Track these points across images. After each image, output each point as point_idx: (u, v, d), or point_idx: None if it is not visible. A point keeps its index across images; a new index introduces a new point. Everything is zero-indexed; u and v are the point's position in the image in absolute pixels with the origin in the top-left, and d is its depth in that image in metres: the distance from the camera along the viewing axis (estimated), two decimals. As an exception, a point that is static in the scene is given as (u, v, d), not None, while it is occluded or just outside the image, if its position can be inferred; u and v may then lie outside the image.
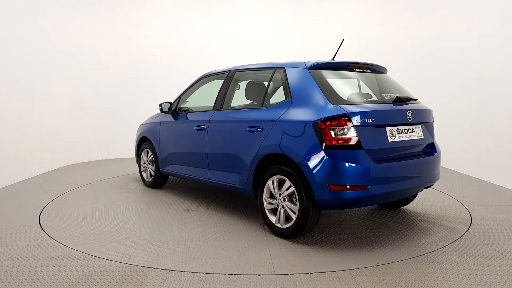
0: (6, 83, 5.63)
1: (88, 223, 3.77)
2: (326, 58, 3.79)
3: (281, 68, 3.62)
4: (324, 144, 2.99)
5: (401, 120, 3.28)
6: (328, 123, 2.99)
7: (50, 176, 6.21)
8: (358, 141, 2.98)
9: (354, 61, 3.54)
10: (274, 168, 3.36)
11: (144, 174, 5.48)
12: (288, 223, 3.29)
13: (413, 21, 7.49)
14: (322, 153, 2.98)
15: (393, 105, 3.34)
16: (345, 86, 3.52)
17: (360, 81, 3.74)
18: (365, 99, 3.40)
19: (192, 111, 4.65)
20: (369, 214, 4.08)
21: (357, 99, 3.34)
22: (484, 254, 2.99)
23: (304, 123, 3.14)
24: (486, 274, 2.66)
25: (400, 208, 4.27)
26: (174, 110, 4.83)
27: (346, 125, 2.98)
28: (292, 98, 3.37)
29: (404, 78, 7.51)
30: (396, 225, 3.72)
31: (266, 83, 3.86)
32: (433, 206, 4.36)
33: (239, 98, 4.16)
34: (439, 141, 6.96)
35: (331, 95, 3.17)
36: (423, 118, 3.53)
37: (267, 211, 3.46)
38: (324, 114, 3.04)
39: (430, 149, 3.62)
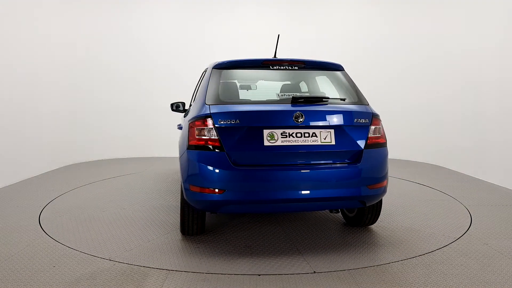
0: (6, 83, 5.63)
1: (88, 222, 3.77)
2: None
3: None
4: (187, 143, 3.01)
5: (286, 123, 2.91)
6: (197, 123, 2.97)
7: (50, 176, 6.21)
8: (219, 142, 2.87)
9: (269, 59, 3.35)
10: None
11: None
12: None
13: (413, 20, 7.48)
14: (185, 153, 3.02)
15: (291, 105, 3.00)
16: (238, 85, 3.44)
17: (282, 79, 3.62)
18: (248, 99, 3.31)
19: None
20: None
21: (234, 99, 3.25)
22: (484, 254, 2.99)
23: (185, 122, 3.25)
24: (486, 274, 2.66)
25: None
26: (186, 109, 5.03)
27: (207, 125, 2.92)
28: (195, 97, 3.47)
29: (404, 78, 7.55)
30: (395, 225, 3.72)
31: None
32: (433, 206, 4.36)
33: None
34: (439, 141, 7.00)
35: (211, 95, 3.13)
36: (336, 121, 3.01)
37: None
38: (194, 114, 3.08)
39: (353, 158, 3.02)
